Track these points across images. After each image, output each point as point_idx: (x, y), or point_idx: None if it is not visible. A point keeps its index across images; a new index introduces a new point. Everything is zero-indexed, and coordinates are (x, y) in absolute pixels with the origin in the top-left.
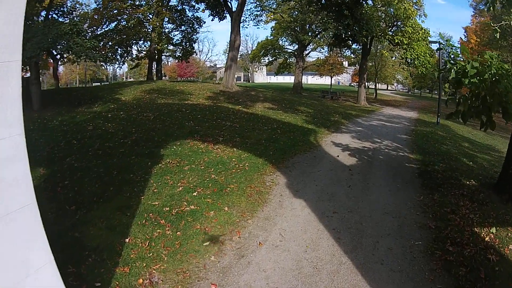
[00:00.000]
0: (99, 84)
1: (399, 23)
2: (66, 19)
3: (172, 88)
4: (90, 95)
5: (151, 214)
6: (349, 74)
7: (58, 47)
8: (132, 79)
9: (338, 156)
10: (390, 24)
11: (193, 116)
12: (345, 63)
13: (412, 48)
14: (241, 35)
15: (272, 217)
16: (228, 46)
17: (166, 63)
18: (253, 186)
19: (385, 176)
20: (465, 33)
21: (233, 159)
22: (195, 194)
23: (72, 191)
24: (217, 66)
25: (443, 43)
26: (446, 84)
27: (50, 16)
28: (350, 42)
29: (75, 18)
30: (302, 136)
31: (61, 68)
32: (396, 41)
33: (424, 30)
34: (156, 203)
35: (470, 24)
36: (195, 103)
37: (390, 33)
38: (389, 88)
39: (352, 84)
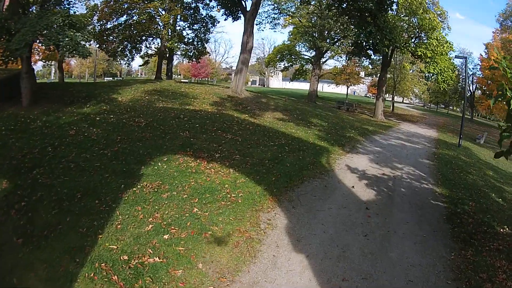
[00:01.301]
0: (111, 78)
1: (422, 35)
2: (64, 7)
3: (176, 90)
4: (87, 92)
5: (103, 265)
6: (366, 84)
7: (44, 40)
8: (145, 76)
9: (353, 186)
10: (413, 35)
11: (190, 125)
12: (362, 73)
13: (435, 62)
14: (257, 38)
15: (259, 283)
16: (240, 48)
17: (182, 62)
18: (243, 230)
19: (409, 219)
20: (485, 50)
21: (226, 185)
22: (166, 237)
23: (25, 217)
24: (233, 68)
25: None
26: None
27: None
28: (371, 51)
29: (74, 10)
30: (313, 157)
31: (73, 61)
32: (419, 53)
33: (449, 43)
34: (115, 246)
35: (492, 41)
36: (196, 109)
37: (413, 45)
38: (404, 101)
39: (368, 95)
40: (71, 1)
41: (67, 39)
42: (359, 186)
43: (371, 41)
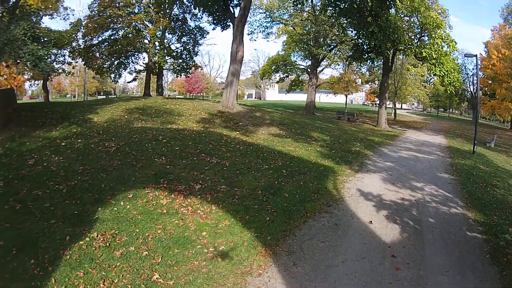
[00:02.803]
0: (104, 96)
1: (425, 35)
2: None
3: (161, 107)
4: (62, 113)
5: None
6: (364, 92)
7: (2, 55)
8: (141, 93)
9: (371, 221)
10: (415, 36)
11: (168, 149)
12: (359, 81)
13: (441, 63)
14: (250, 50)
15: None
16: (230, 58)
17: (176, 77)
18: None
19: (447, 265)
20: (485, 48)
21: (204, 233)
22: None
23: None
24: None
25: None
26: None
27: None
28: (373, 54)
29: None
30: (317, 181)
31: (67, 80)
32: (424, 54)
33: (454, 42)
34: None
35: (491, 39)
36: (179, 128)
37: (416, 46)
38: (403, 107)
39: (366, 103)
40: (40, 14)
41: (28, 54)
42: (377, 220)
43: (373, 43)
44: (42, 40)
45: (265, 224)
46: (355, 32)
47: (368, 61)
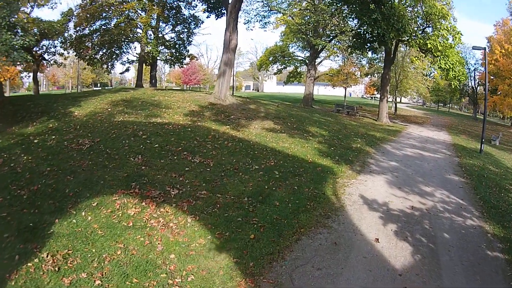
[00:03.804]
0: (100, 88)
1: (429, 26)
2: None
3: (149, 98)
4: (44, 107)
5: None
6: (363, 84)
7: None
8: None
9: (377, 239)
10: (418, 28)
11: (147, 146)
12: (358, 73)
13: (446, 55)
14: (249, 41)
15: None
16: (223, 47)
17: (170, 68)
18: None
19: None
20: (488, 43)
21: (172, 255)
22: None
23: None
24: None
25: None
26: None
27: None
28: (376, 44)
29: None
30: (314, 185)
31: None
32: (429, 46)
33: (460, 34)
34: None
35: (494, 34)
36: (164, 122)
37: (419, 37)
38: (402, 100)
39: (364, 96)
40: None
41: (1, 43)
42: (385, 236)
43: (376, 32)
44: (19, 30)
45: (249, 244)
46: (357, 20)
47: (370, 51)
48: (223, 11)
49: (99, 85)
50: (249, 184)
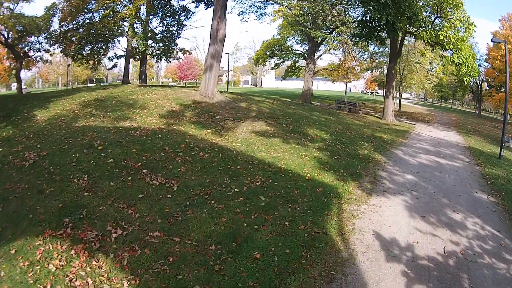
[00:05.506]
0: (94, 85)
1: (439, 16)
2: None
3: (125, 97)
4: (11, 109)
5: None
6: (364, 79)
7: None
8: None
9: None
10: (426, 19)
11: (99, 161)
12: (357, 68)
13: (458, 48)
14: (245, 35)
15: None
16: (209, 38)
17: (160, 62)
18: None
19: None
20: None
21: None
22: None
23: None
24: (224, 69)
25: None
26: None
27: None
28: (384, 33)
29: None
30: (312, 217)
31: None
32: (441, 37)
33: (473, 25)
34: None
35: (500, 29)
36: (133, 127)
37: (430, 28)
38: (403, 96)
39: (364, 91)
40: None
41: None
42: None
43: (384, 19)
44: None
45: None
46: (363, 6)
47: (377, 42)
48: (212, 0)
49: (94, 81)
50: (221, 219)
